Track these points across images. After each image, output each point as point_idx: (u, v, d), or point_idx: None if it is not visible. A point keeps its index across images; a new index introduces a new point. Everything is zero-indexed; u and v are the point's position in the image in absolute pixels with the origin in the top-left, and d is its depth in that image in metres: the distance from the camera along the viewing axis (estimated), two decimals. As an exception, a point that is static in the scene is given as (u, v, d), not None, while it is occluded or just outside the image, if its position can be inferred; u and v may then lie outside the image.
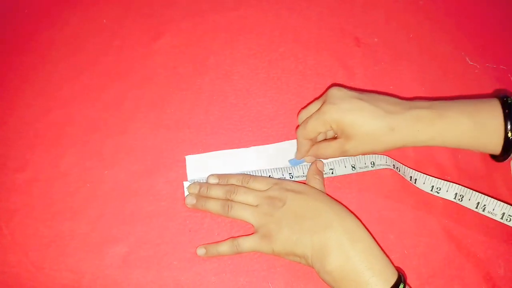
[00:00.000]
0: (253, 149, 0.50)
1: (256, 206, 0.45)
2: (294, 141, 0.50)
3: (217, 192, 0.47)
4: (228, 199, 0.46)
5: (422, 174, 0.46)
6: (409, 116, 0.43)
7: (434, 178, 0.45)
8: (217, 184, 0.48)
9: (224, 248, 0.45)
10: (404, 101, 0.45)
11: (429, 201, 0.47)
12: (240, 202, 0.46)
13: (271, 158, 0.50)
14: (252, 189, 0.46)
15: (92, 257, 0.46)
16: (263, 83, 0.54)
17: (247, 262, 0.46)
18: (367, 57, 0.56)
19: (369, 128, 0.43)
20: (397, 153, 0.50)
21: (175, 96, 0.54)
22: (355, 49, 0.57)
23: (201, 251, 0.45)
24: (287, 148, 0.50)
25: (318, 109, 0.45)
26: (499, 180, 0.49)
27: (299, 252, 0.41)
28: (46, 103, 0.54)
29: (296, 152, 0.49)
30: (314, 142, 0.48)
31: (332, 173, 0.49)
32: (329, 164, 0.49)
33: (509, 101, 0.42)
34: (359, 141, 0.44)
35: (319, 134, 0.47)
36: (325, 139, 0.49)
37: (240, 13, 0.59)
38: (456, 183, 0.45)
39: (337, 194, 0.48)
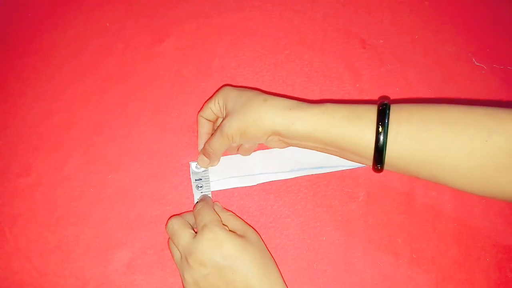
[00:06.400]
0: (258, 153, 0.50)
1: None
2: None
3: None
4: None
5: None
6: (282, 99, 0.43)
7: None
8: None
9: None
10: None
11: (437, 204, 0.47)
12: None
13: (276, 162, 0.49)
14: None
15: (97, 263, 0.45)
16: (269, 86, 0.54)
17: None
18: (373, 58, 0.56)
19: (246, 95, 0.43)
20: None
21: (179, 99, 0.53)
22: (360, 51, 0.56)
23: None
24: (293, 152, 0.49)
25: None
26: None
27: None
28: (49, 106, 0.54)
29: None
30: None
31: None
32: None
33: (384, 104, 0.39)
34: (235, 114, 0.43)
35: (212, 114, 0.47)
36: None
37: (245, 15, 0.58)
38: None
39: (344, 197, 0.47)
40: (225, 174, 0.49)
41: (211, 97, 0.47)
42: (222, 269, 0.38)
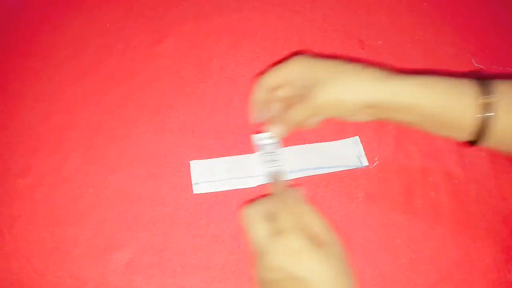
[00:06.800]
0: (257, 154, 0.49)
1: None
2: (303, 146, 0.50)
3: None
4: None
5: None
6: (377, 69, 0.41)
7: None
8: None
9: None
10: None
11: (437, 204, 0.47)
12: None
13: (275, 163, 0.49)
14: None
15: (95, 264, 0.45)
16: (267, 86, 0.54)
17: (252, 269, 0.45)
18: (372, 59, 0.56)
19: (333, 63, 0.41)
20: (402, 156, 0.49)
21: (178, 100, 0.53)
22: (359, 52, 0.57)
23: None
24: (292, 153, 0.50)
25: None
26: (506, 184, 0.48)
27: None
28: (48, 107, 0.54)
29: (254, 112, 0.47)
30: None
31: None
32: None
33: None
34: (328, 82, 0.40)
35: (278, 86, 0.44)
36: None
37: (244, 15, 0.59)
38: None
39: (343, 198, 0.47)
40: (226, 175, 0.49)
41: (279, 63, 0.44)
42: (292, 279, 0.35)
